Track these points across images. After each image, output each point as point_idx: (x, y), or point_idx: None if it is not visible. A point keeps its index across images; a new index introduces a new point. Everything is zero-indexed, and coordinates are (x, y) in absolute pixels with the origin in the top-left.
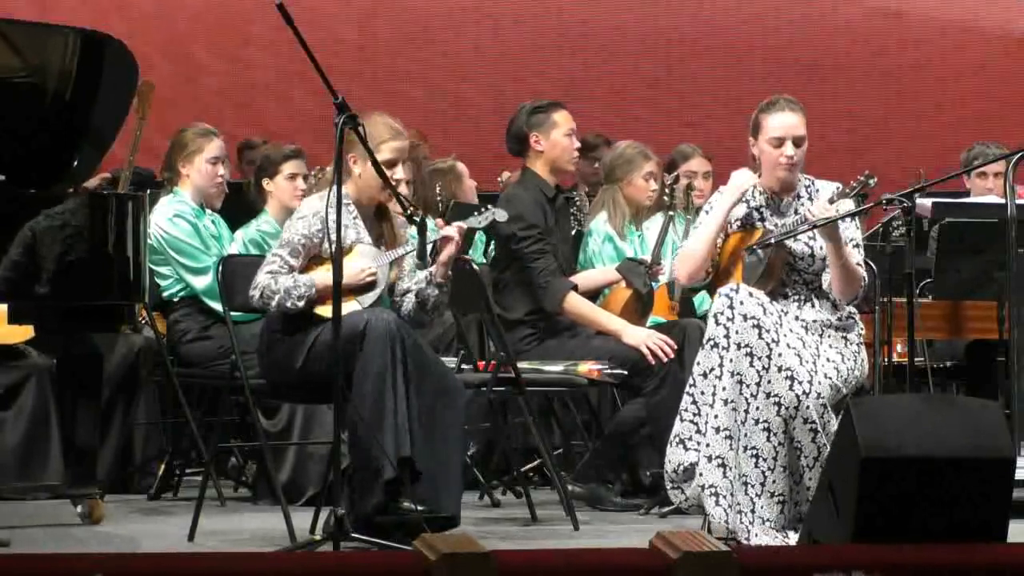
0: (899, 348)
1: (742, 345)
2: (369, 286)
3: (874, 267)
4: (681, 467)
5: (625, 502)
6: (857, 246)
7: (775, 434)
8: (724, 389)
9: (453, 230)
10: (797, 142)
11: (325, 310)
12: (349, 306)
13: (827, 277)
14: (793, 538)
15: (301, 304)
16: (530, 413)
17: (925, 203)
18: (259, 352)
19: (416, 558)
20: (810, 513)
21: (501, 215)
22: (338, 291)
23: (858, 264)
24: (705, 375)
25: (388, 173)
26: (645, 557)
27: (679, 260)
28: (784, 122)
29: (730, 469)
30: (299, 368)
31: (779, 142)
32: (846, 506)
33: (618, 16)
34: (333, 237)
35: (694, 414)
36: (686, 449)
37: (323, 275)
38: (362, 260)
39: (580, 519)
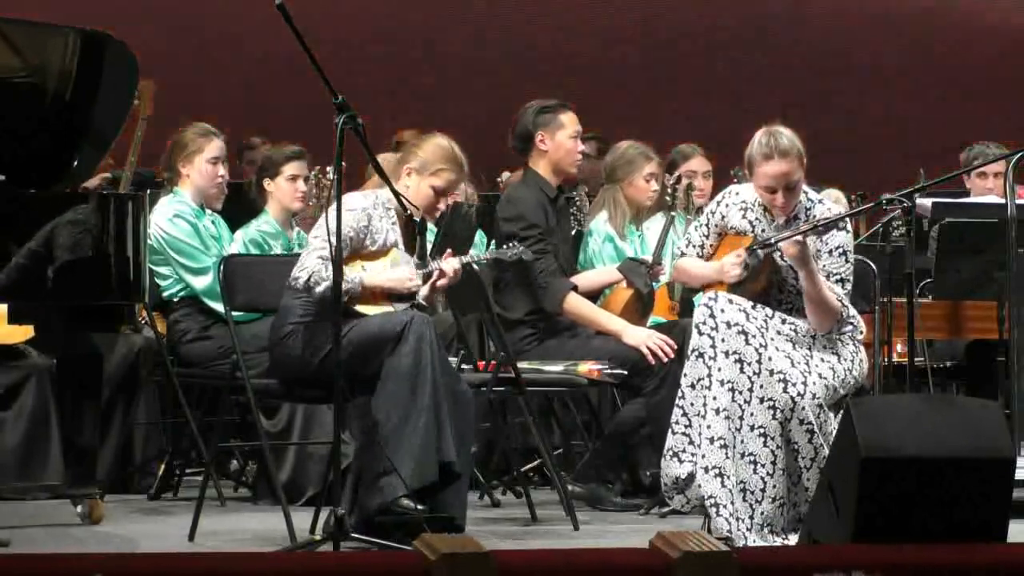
0: (899, 348)
1: (731, 353)
2: (408, 296)
3: (874, 267)
4: (679, 479)
5: (625, 502)
6: (841, 281)
7: (772, 438)
8: (715, 399)
9: (451, 266)
10: (789, 187)
11: (365, 307)
12: (381, 308)
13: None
14: (793, 540)
15: (346, 299)
16: (530, 413)
17: (925, 203)
18: (271, 346)
19: (416, 558)
20: (810, 513)
21: (528, 255)
22: (338, 289)
23: (839, 299)
24: (693, 386)
25: (434, 200)
26: (645, 557)
27: (676, 269)
28: (775, 171)
29: (728, 478)
30: (317, 364)
31: (771, 190)
32: (846, 506)
33: (619, 16)
34: (376, 237)
35: (685, 426)
36: (680, 462)
37: (370, 275)
38: (406, 268)
39: (580, 519)
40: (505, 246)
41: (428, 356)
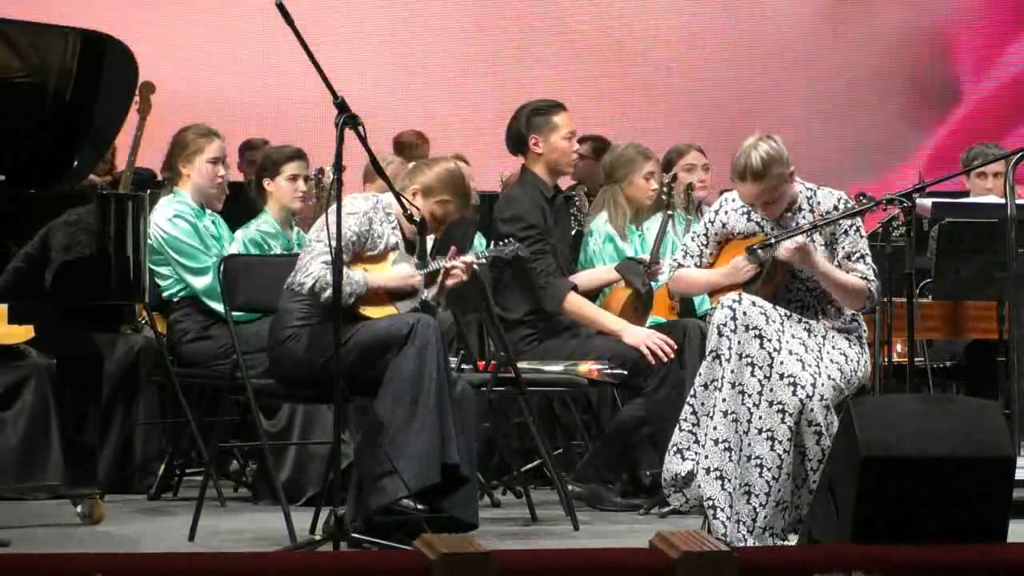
0: (899, 348)
1: (743, 355)
2: (411, 292)
3: (874, 267)
4: (679, 476)
5: (625, 502)
6: (861, 257)
7: (779, 442)
8: (724, 400)
9: (462, 265)
10: (768, 202)
11: (370, 310)
12: (385, 309)
13: None
14: (792, 540)
15: (351, 300)
16: (530, 413)
17: (925, 203)
18: (270, 348)
19: (416, 558)
20: (810, 513)
21: (524, 251)
22: (338, 293)
23: (862, 277)
24: (706, 386)
25: (433, 225)
26: (645, 557)
27: (675, 280)
28: (746, 193)
29: (728, 481)
30: (321, 366)
31: (752, 205)
32: (846, 506)
33: (618, 15)
34: (377, 241)
35: (693, 424)
36: (683, 459)
37: (374, 276)
38: (407, 266)
39: (580, 519)
40: (502, 243)
41: (432, 359)
